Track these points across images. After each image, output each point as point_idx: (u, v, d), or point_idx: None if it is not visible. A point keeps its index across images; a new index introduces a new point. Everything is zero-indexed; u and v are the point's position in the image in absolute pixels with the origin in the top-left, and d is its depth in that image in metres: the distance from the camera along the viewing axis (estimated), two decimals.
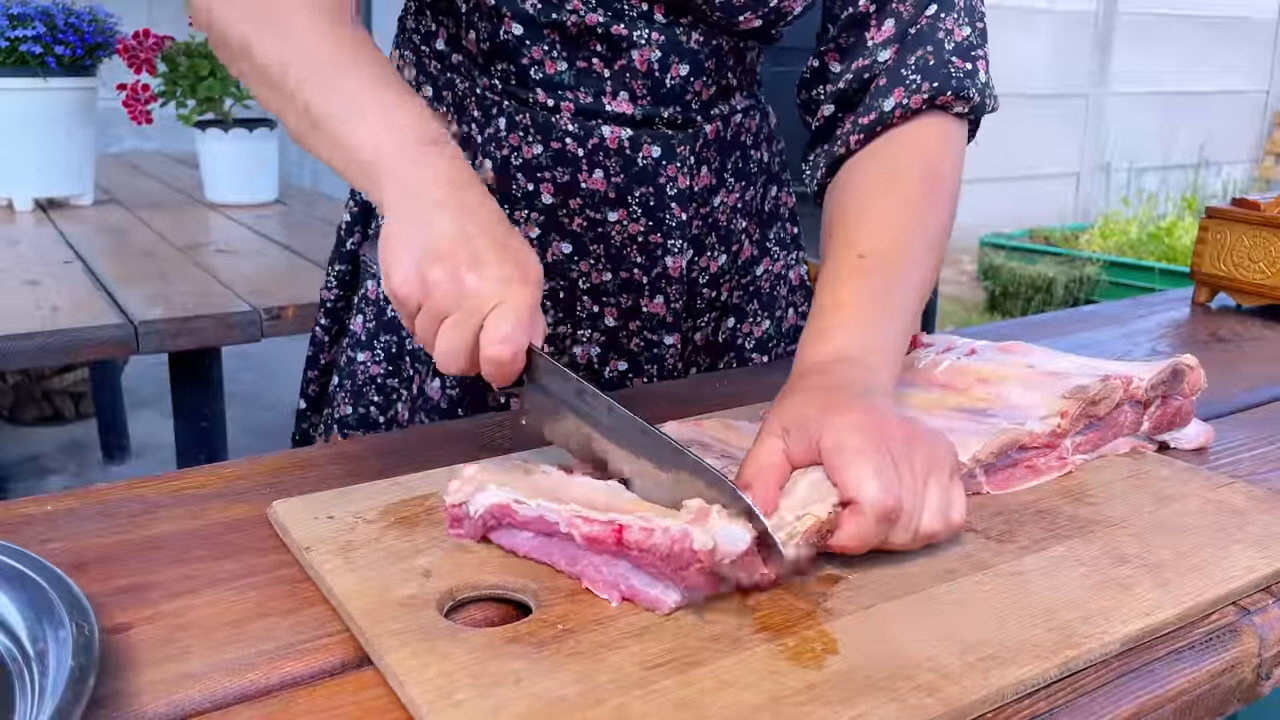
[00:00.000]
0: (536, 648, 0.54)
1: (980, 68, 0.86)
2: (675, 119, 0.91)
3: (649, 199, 0.92)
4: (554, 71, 0.88)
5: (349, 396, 1.03)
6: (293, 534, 0.65)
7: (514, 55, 0.88)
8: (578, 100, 0.89)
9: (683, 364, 1.02)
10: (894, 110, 0.84)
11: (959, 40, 0.85)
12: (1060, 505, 0.72)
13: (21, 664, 0.51)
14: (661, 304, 0.97)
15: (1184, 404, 0.81)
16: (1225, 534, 0.68)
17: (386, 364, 1.01)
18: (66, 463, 3.28)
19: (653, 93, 0.89)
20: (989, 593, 0.60)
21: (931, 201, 0.82)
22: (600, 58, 0.88)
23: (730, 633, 0.55)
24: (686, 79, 0.90)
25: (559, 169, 0.91)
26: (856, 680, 0.52)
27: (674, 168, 0.92)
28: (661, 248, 0.94)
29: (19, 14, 2.23)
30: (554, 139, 0.90)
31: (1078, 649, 0.55)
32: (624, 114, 0.90)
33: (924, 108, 0.84)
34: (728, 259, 1.00)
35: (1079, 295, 5.22)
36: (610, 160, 0.91)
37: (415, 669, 0.51)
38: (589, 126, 0.90)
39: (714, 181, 0.97)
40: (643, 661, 0.53)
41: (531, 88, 0.89)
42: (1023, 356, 0.85)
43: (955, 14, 0.86)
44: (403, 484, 0.72)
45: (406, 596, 0.58)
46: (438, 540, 0.64)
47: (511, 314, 0.62)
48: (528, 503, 0.60)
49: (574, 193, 0.91)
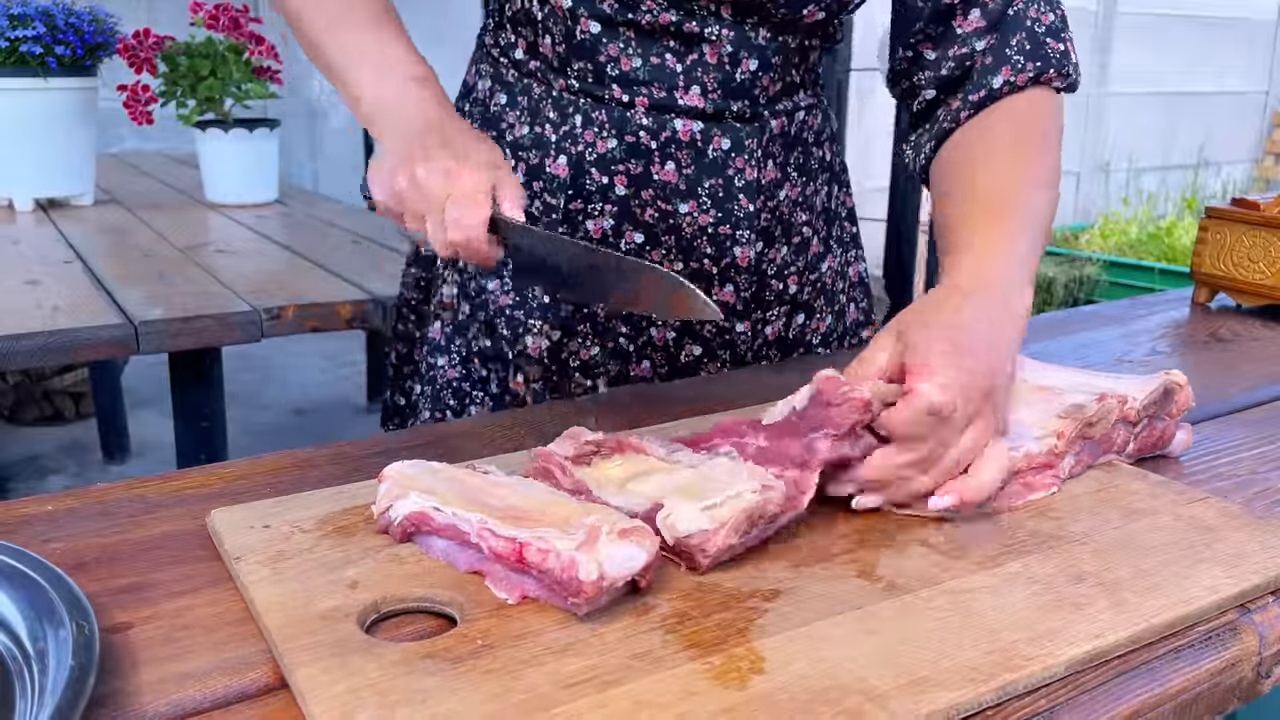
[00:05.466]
0: (452, 664, 0.52)
1: (1070, 48, 0.93)
2: (744, 113, 0.96)
3: (718, 190, 0.97)
4: (629, 68, 0.93)
5: (429, 402, 1.07)
6: (225, 544, 0.63)
7: (591, 54, 0.93)
8: (652, 95, 0.93)
9: (753, 356, 1.06)
10: (1002, 87, 0.91)
11: (1047, 24, 0.92)
12: (1022, 519, 0.69)
13: (21, 663, 0.51)
14: (731, 293, 1.01)
15: (1168, 425, 0.80)
16: (1193, 552, 0.65)
17: (461, 366, 1.04)
18: (66, 463, 3.28)
19: (723, 86, 0.94)
20: (933, 611, 0.58)
21: (1049, 152, 0.88)
22: (674, 53, 0.92)
23: (655, 650, 0.53)
24: (755, 74, 0.94)
25: (632, 161, 0.95)
26: (777, 702, 0.49)
27: (742, 160, 0.97)
28: (730, 238, 0.98)
29: (19, 14, 2.23)
30: (628, 132, 0.94)
31: (1018, 672, 0.52)
32: (696, 107, 0.94)
33: (1028, 85, 0.91)
34: (790, 251, 1.04)
35: (1079, 295, 5.22)
36: (682, 153, 0.95)
37: (323, 685, 0.49)
38: (662, 120, 0.94)
39: (779, 175, 1.01)
40: (560, 680, 0.51)
41: (608, 84, 0.94)
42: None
43: (1038, 2, 0.92)
44: (346, 492, 0.70)
45: (328, 609, 0.56)
46: (372, 550, 0.62)
47: (458, 203, 0.74)
48: (443, 510, 0.61)
49: (646, 184, 0.96)
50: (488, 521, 0.59)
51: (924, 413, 0.65)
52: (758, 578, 0.61)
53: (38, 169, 2.40)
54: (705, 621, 0.56)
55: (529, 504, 0.62)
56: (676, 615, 0.57)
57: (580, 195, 0.97)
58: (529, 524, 0.59)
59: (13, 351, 1.43)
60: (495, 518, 0.59)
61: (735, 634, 0.55)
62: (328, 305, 1.67)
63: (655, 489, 0.65)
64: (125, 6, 2.95)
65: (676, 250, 0.98)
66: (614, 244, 0.98)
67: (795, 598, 0.59)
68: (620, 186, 0.96)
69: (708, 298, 0.69)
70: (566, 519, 0.59)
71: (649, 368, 1.03)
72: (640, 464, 0.68)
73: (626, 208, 0.97)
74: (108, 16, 2.38)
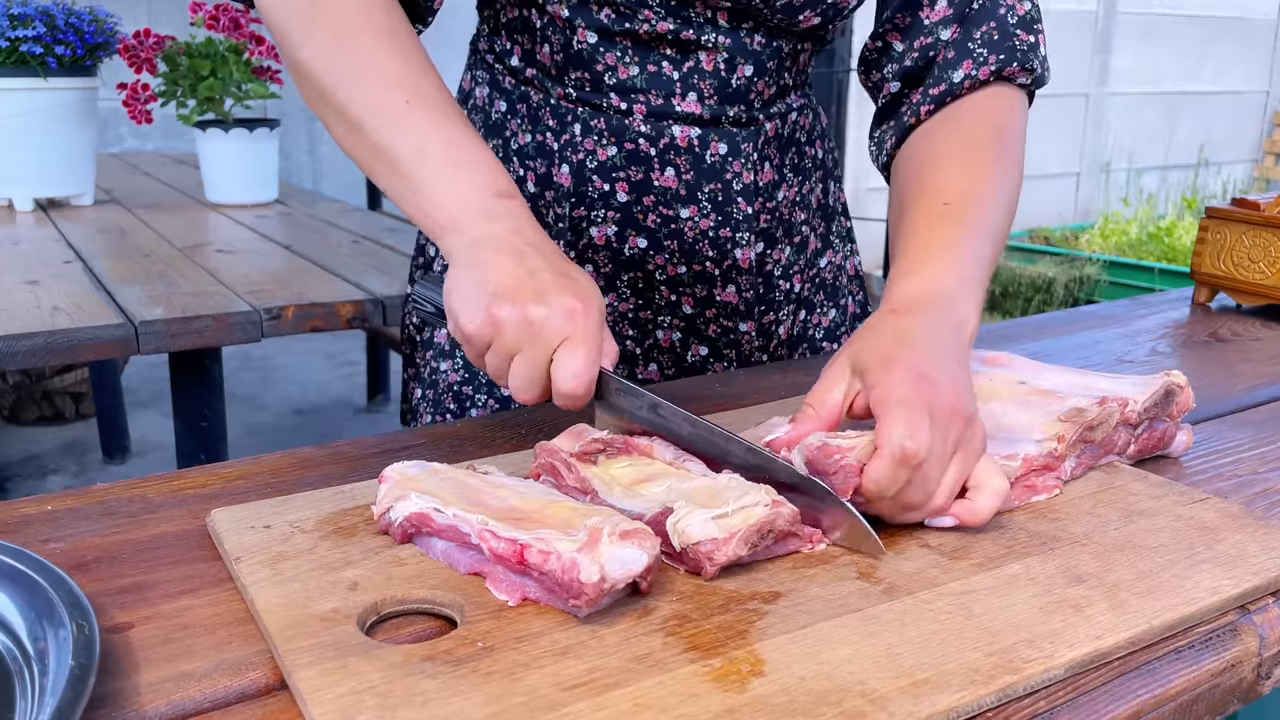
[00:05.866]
0: (453, 666, 0.51)
1: (1040, 41, 0.91)
2: (740, 117, 0.96)
3: (717, 194, 0.97)
4: (626, 76, 0.93)
5: (430, 406, 1.07)
6: (225, 545, 0.63)
7: (588, 63, 0.93)
8: (649, 102, 0.94)
9: (768, 356, 1.07)
10: (963, 81, 0.89)
11: (1020, 14, 0.90)
12: (1022, 521, 0.69)
13: (21, 663, 0.51)
14: (734, 293, 1.01)
15: (1169, 427, 0.80)
16: (1193, 553, 0.64)
17: (464, 370, 1.04)
18: (66, 463, 3.28)
19: (719, 92, 0.94)
20: (933, 612, 0.57)
21: (1004, 156, 0.86)
22: (670, 61, 0.93)
23: (655, 653, 0.53)
24: (750, 79, 0.95)
25: (633, 168, 0.96)
26: (778, 705, 0.49)
27: (739, 163, 0.97)
28: (731, 241, 0.99)
29: (19, 14, 2.23)
30: (627, 140, 0.95)
31: (1018, 674, 0.52)
32: (693, 114, 0.94)
33: (990, 79, 0.89)
34: (792, 250, 1.05)
35: (1079, 295, 5.22)
36: (680, 158, 0.96)
37: (322, 687, 0.49)
38: (660, 126, 0.94)
39: (776, 177, 1.01)
40: (560, 683, 0.50)
41: (605, 93, 0.94)
42: (1010, 370, 0.84)
43: None
44: (346, 492, 0.70)
45: (328, 610, 0.56)
46: (372, 551, 0.62)
47: (581, 348, 0.66)
48: (444, 511, 0.60)
49: (647, 190, 0.96)
50: (489, 523, 0.59)
51: (896, 465, 0.63)
52: (758, 580, 0.61)
53: (38, 169, 2.39)
54: (705, 624, 0.56)
55: (530, 505, 0.62)
56: (677, 617, 0.56)
57: (583, 203, 0.97)
58: (530, 525, 0.59)
59: (13, 351, 1.43)
60: (496, 519, 0.59)
61: (735, 636, 0.55)
62: (328, 305, 1.67)
63: (665, 493, 0.64)
64: (125, 6, 2.95)
65: (679, 254, 0.98)
66: (618, 249, 0.98)
67: (795, 600, 0.58)
68: (622, 193, 0.96)
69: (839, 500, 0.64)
70: (568, 521, 0.59)
71: (656, 370, 1.04)
72: (648, 467, 0.68)
73: (629, 214, 0.97)
74: (108, 16, 2.38)
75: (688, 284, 1.00)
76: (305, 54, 0.76)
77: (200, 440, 1.88)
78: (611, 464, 0.69)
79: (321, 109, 0.77)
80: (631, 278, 1.00)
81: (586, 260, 0.99)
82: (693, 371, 1.04)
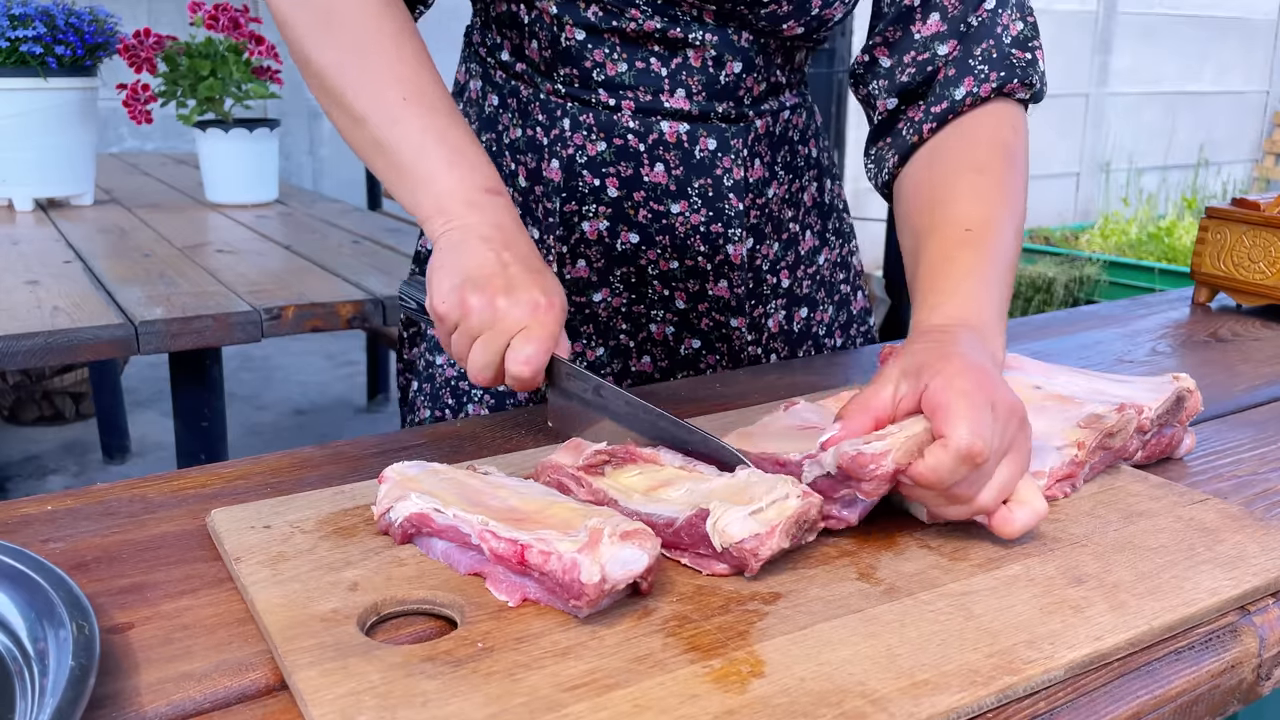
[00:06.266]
0: (453, 667, 0.51)
1: (1039, 56, 0.92)
2: (729, 114, 0.97)
3: (708, 190, 0.98)
4: (615, 73, 0.93)
5: (427, 400, 1.07)
6: (225, 544, 0.63)
7: (576, 60, 0.93)
8: (638, 99, 0.94)
9: (761, 351, 1.07)
10: (965, 99, 0.89)
11: (1015, 34, 0.91)
12: None
13: (21, 664, 0.51)
14: (726, 288, 1.02)
15: (1177, 432, 0.80)
16: (1193, 554, 0.64)
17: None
18: (66, 463, 3.28)
19: (708, 89, 0.95)
20: (934, 613, 0.57)
21: (1013, 178, 0.86)
22: (658, 58, 0.93)
23: (656, 653, 0.53)
24: (739, 76, 0.95)
25: (622, 164, 0.96)
26: (778, 705, 0.49)
27: (729, 160, 0.97)
28: (722, 236, 0.99)
29: (19, 14, 2.23)
30: (616, 135, 0.95)
31: (1018, 675, 0.52)
32: (681, 109, 0.95)
33: (992, 96, 0.90)
34: (780, 246, 1.05)
35: (1079, 295, 5.22)
36: (669, 154, 0.96)
37: (322, 688, 0.49)
38: (649, 123, 0.95)
39: (766, 174, 1.01)
40: (560, 683, 0.50)
41: (594, 89, 0.94)
42: (1022, 373, 0.84)
43: (1009, 9, 0.91)
44: (346, 492, 0.70)
45: (328, 611, 0.56)
46: (372, 552, 0.62)
47: (535, 338, 0.72)
48: (444, 511, 0.60)
49: (638, 186, 0.97)
50: (489, 523, 0.59)
51: (959, 461, 0.62)
52: (758, 580, 0.61)
53: (38, 169, 2.40)
54: (705, 624, 0.56)
55: (530, 506, 0.62)
56: (677, 618, 0.56)
57: (574, 198, 0.97)
58: (531, 526, 0.59)
59: (13, 351, 1.43)
60: (497, 519, 0.59)
61: (735, 637, 0.55)
62: (328, 305, 1.67)
63: (687, 495, 0.64)
64: (125, 6, 2.95)
65: (671, 249, 0.99)
66: (610, 244, 0.98)
67: (795, 600, 0.58)
68: (612, 188, 0.97)
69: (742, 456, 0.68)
70: (568, 521, 0.59)
71: (649, 362, 1.04)
72: (659, 473, 0.68)
73: (620, 209, 0.97)
74: (108, 16, 2.38)
75: (680, 279, 1.01)
76: (320, 60, 0.81)
77: (200, 440, 1.87)
78: (620, 474, 0.69)
79: (326, 102, 0.83)
80: (624, 272, 1.00)
81: (579, 255, 0.99)
82: (686, 363, 1.05)
